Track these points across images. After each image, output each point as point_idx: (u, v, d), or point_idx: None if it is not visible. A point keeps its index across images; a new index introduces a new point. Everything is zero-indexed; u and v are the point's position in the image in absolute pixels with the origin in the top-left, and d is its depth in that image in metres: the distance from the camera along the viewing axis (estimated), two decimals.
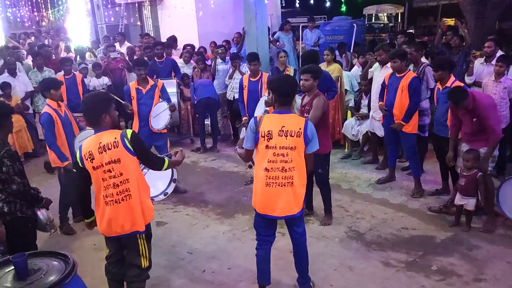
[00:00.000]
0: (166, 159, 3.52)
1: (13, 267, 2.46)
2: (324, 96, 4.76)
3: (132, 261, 3.39)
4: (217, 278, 4.15)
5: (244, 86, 6.48)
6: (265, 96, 5.96)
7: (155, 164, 3.50)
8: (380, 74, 6.11)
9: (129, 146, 3.20)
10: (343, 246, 4.53)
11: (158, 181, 4.31)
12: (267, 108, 5.64)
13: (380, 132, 6.33)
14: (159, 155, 3.69)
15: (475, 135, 4.74)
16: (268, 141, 3.38)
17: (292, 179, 3.40)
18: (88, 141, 3.26)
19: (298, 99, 5.21)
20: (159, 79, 6.25)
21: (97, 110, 3.20)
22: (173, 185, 4.37)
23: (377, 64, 6.35)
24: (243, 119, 6.62)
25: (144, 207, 3.32)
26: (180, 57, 9.02)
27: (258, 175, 3.49)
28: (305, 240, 3.70)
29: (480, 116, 4.59)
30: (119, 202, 3.21)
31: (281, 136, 3.36)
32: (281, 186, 3.40)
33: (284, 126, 3.37)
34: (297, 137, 3.36)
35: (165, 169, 3.58)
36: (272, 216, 3.52)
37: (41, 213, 3.81)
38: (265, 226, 3.65)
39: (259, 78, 6.42)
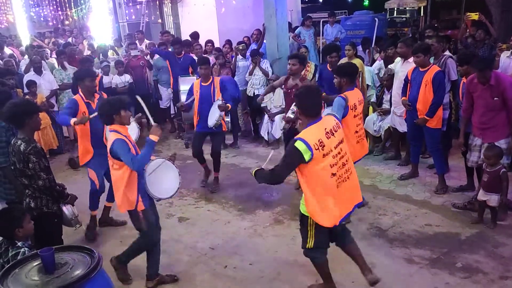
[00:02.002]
0: None
1: (40, 261, 2.51)
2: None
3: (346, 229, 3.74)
4: (239, 273, 4.17)
5: (195, 91, 6.00)
6: (218, 100, 5.76)
7: None
8: (401, 69, 6.01)
9: None
10: (365, 243, 4.47)
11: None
12: (222, 113, 5.66)
13: (401, 128, 6.25)
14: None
15: (488, 121, 4.66)
16: (355, 111, 4.57)
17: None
18: (311, 131, 3.23)
19: None
20: (103, 92, 5.53)
21: (320, 102, 3.44)
22: None
23: (398, 58, 6.26)
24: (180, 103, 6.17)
25: None
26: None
27: (349, 137, 4.35)
28: None
29: (504, 94, 4.53)
30: (346, 181, 3.37)
31: (359, 105, 4.63)
32: (363, 139, 4.84)
33: (358, 98, 4.62)
34: (362, 103, 4.73)
35: None
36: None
37: (66, 209, 3.90)
38: None
39: (211, 82, 5.98)
